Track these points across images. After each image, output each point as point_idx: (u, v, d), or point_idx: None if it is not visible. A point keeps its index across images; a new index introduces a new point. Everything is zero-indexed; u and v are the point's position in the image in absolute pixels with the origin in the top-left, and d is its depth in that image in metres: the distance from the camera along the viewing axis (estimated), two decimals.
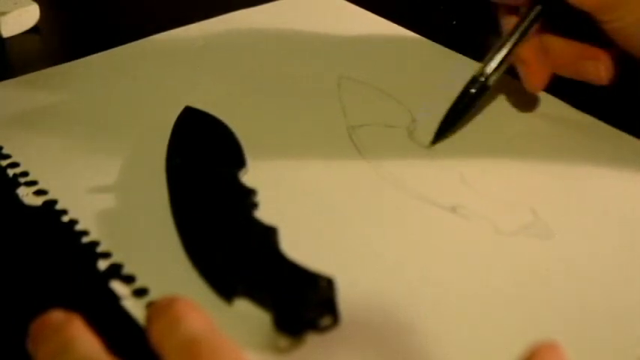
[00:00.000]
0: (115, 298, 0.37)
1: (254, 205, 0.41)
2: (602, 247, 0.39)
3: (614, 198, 0.42)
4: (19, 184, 0.44)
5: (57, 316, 0.31)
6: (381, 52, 0.55)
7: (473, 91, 0.46)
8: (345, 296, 0.35)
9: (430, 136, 0.46)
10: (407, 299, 0.36)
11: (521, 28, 0.46)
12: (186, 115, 0.48)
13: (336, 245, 0.40)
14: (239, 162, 0.44)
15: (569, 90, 0.49)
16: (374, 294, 0.37)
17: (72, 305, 0.32)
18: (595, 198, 0.42)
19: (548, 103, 0.49)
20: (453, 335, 0.35)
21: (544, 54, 0.46)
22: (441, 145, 0.46)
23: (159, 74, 0.54)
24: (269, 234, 0.38)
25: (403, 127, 0.47)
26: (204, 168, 0.43)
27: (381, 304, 0.36)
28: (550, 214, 0.41)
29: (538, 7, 0.46)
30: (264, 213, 0.40)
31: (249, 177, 0.43)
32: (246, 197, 0.41)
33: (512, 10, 0.48)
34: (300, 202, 0.42)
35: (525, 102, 0.49)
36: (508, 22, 0.48)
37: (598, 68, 0.46)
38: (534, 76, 0.46)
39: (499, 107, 0.49)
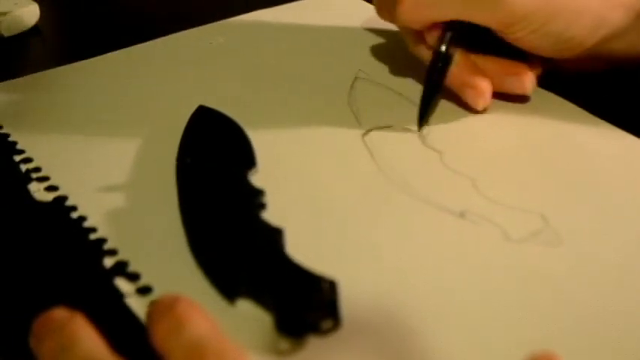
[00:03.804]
0: (119, 296, 0.37)
1: (262, 206, 0.41)
2: (613, 254, 0.38)
3: (626, 205, 0.41)
4: (31, 180, 0.45)
5: (60, 313, 0.31)
6: (398, 54, 0.55)
7: (439, 65, 0.47)
8: (349, 299, 0.35)
9: (444, 142, 0.46)
10: (411, 304, 0.36)
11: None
12: (199, 114, 0.48)
13: (343, 248, 0.39)
14: (249, 162, 0.44)
15: (586, 95, 0.49)
16: (378, 298, 0.36)
17: (76, 301, 0.32)
18: (607, 205, 0.41)
19: (562, 109, 0.49)
20: (457, 342, 0.34)
21: (483, 73, 0.48)
22: (453, 151, 0.46)
23: (175, 73, 0.54)
24: (275, 235, 0.38)
25: (416, 131, 0.47)
26: (213, 167, 0.43)
27: (384, 309, 0.36)
28: (560, 220, 0.40)
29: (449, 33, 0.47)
30: (272, 214, 0.40)
31: (258, 177, 0.43)
32: (255, 198, 0.41)
33: (421, 38, 0.49)
34: (308, 203, 0.42)
35: (537, 107, 0.49)
36: (420, 51, 0.50)
37: (522, 82, 0.48)
38: (484, 97, 0.48)
39: (511, 113, 0.49)
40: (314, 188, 0.43)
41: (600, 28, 0.46)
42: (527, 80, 0.48)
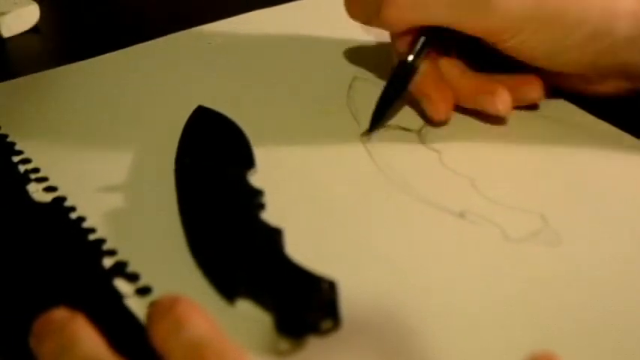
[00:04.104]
0: (118, 296, 0.37)
1: (261, 206, 0.41)
2: (612, 254, 0.38)
3: (625, 205, 0.41)
4: (29, 180, 0.45)
5: (60, 313, 0.31)
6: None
7: (403, 74, 0.46)
8: (349, 299, 0.35)
9: (443, 141, 0.46)
10: (411, 304, 0.36)
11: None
12: (198, 114, 0.48)
13: (342, 248, 0.39)
14: (248, 162, 0.44)
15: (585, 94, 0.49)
16: (378, 298, 0.36)
17: (76, 302, 0.32)
18: (606, 205, 0.41)
19: (562, 109, 0.49)
20: (456, 341, 0.34)
21: (446, 86, 0.47)
22: (452, 150, 0.46)
23: (175, 73, 0.54)
24: (274, 235, 0.38)
25: (415, 131, 0.47)
26: (212, 168, 0.43)
27: (384, 309, 0.36)
28: (560, 220, 0.40)
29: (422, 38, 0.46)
30: (271, 214, 0.40)
31: (257, 177, 0.43)
32: (254, 198, 0.41)
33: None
34: (307, 203, 0.42)
35: (538, 107, 0.49)
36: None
37: (494, 102, 0.46)
38: (437, 109, 0.47)
39: (511, 113, 0.48)
40: (313, 188, 0.43)
41: (602, 39, 0.43)
42: (498, 100, 0.46)
